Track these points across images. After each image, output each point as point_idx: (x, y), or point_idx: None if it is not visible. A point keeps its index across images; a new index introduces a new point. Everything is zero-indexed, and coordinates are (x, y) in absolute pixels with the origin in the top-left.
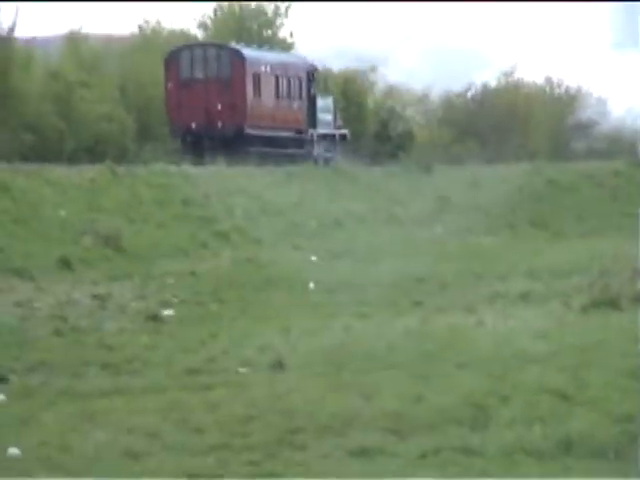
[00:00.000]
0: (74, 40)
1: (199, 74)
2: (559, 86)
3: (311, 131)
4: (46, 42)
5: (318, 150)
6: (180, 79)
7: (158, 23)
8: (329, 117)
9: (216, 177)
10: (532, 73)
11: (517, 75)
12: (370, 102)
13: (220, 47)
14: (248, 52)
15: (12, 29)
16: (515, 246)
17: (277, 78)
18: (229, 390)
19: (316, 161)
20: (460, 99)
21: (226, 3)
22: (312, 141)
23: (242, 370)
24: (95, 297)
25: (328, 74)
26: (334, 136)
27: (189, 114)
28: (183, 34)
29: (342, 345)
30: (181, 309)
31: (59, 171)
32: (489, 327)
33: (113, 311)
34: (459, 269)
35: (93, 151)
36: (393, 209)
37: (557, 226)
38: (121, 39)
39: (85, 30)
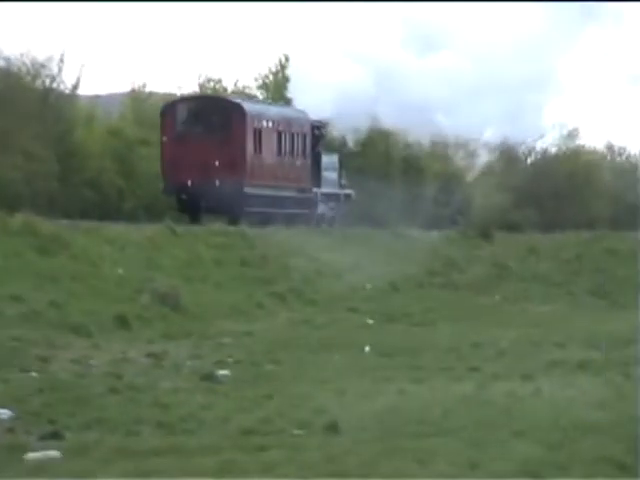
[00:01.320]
0: (136, 98)
1: (196, 128)
2: (620, 154)
3: (315, 190)
4: (109, 99)
5: (322, 210)
6: (176, 133)
7: (219, 82)
8: (334, 175)
9: (274, 237)
10: (593, 139)
11: (578, 141)
12: (429, 166)
13: (219, 100)
14: (249, 106)
15: (76, 86)
16: (573, 314)
17: (279, 134)
18: (283, 452)
19: (319, 222)
20: (520, 165)
21: (286, 63)
22: (315, 201)
23: (297, 432)
24: (151, 355)
25: (389, 135)
26: (339, 195)
27: (185, 170)
28: (244, 94)
29: (397, 409)
30: (236, 369)
31: (118, 229)
32: (547, 395)
33: (168, 370)
34: (517, 336)
35: (152, 209)
36: (450, 274)
37: (616, 295)
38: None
39: (147, 88)
